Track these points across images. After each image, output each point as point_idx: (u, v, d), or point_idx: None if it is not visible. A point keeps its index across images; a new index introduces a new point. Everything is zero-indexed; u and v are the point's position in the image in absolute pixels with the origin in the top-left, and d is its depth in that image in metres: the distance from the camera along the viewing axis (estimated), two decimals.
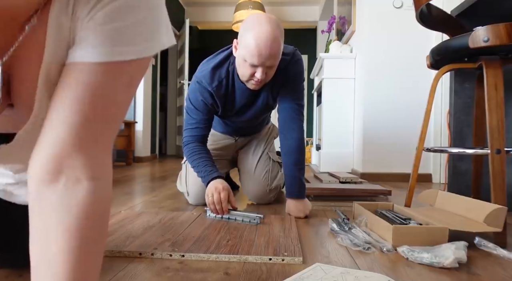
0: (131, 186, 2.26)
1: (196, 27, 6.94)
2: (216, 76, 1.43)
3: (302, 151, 1.47)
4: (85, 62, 0.43)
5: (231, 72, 1.44)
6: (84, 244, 0.44)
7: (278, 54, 1.27)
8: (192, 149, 1.49)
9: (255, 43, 1.22)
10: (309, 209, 1.39)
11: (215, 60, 1.44)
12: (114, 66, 0.44)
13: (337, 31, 4.00)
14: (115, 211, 1.42)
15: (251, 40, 1.22)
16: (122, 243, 0.97)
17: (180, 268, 0.83)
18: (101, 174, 0.47)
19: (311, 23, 6.35)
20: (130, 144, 3.97)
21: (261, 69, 1.28)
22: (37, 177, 0.44)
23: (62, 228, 0.43)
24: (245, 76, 1.34)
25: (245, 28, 1.27)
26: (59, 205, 0.44)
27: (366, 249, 0.97)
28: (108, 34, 0.42)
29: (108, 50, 0.42)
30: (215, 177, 1.40)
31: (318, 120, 4.13)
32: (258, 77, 1.29)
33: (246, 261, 0.88)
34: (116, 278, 0.76)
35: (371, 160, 2.85)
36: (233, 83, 1.46)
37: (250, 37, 1.23)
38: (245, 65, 1.30)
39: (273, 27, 1.23)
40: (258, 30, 1.22)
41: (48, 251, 0.43)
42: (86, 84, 0.43)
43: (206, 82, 1.42)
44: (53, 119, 0.43)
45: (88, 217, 0.45)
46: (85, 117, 0.43)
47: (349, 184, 2.02)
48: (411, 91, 2.80)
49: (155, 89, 4.91)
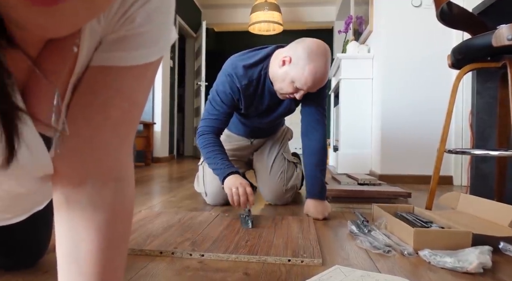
0: (150, 186, 2.29)
1: (213, 29, 6.99)
2: (248, 75, 1.43)
3: (325, 152, 1.47)
4: (114, 66, 0.42)
5: (263, 75, 1.45)
6: (111, 243, 0.45)
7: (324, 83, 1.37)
8: (208, 140, 1.47)
9: (313, 76, 1.29)
10: (328, 211, 1.38)
11: (249, 60, 1.44)
12: (140, 68, 0.44)
13: (354, 31, 3.96)
14: (135, 211, 1.44)
15: (309, 72, 1.29)
16: (143, 242, 0.99)
17: (200, 267, 0.84)
18: (125, 175, 0.48)
19: (327, 24, 6.31)
20: (149, 145, 4.02)
21: (303, 92, 1.35)
22: (64, 179, 0.45)
23: (91, 227, 0.44)
24: (283, 91, 1.39)
25: (306, 56, 1.29)
26: (88, 206, 0.44)
27: (387, 252, 0.95)
28: (138, 37, 0.42)
29: (137, 54, 0.42)
30: (233, 172, 1.40)
31: (336, 121, 4.10)
32: (297, 97, 1.37)
33: (265, 262, 0.88)
34: (138, 276, 0.77)
35: (389, 162, 2.81)
36: (263, 87, 1.47)
37: (308, 68, 1.29)
38: (290, 85, 1.35)
39: (328, 60, 1.32)
40: (317, 64, 1.29)
41: (76, 251, 0.43)
42: (115, 88, 0.43)
43: (236, 78, 1.43)
44: (79, 123, 0.43)
45: (115, 217, 0.46)
46: (111, 120, 0.43)
47: (368, 186, 2.00)
48: (431, 91, 2.75)
49: (173, 91, 4.97)
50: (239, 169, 1.74)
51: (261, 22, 5.28)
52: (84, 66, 0.43)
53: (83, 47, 0.40)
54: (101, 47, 0.42)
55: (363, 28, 3.49)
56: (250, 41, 6.94)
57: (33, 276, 0.77)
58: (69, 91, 0.43)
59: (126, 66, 0.42)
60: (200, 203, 1.70)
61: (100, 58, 0.42)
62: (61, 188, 0.45)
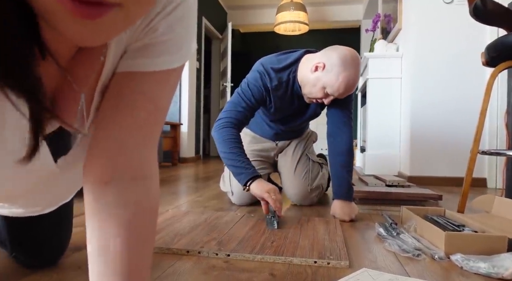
0: (177, 186, 2.33)
1: (238, 30, 7.03)
2: (277, 77, 1.44)
3: (351, 153, 1.45)
4: (138, 71, 0.45)
5: (292, 79, 1.45)
6: (139, 238, 0.46)
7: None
8: (229, 135, 1.39)
9: (345, 84, 1.31)
10: (355, 213, 1.36)
11: (279, 63, 1.45)
12: (163, 74, 0.46)
13: (382, 29, 3.88)
14: (163, 210, 1.47)
15: (342, 80, 1.31)
16: (171, 240, 1.01)
17: (226, 267, 0.85)
18: (151, 173, 0.50)
19: (354, 23, 6.22)
20: (176, 145, 4.10)
21: (332, 98, 1.37)
22: (94, 178, 0.47)
23: (120, 224, 0.45)
24: (312, 95, 1.40)
25: (340, 63, 1.31)
26: (117, 203, 0.46)
27: (416, 255, 0.93)
28: (160, 45, 0.44)
29: (160, 60, 0.45)
30: (258, 175, 1.36)
31: (363, 121, 4.03)
32: (325, 102, 1.40)
33: (291, 263, 0.88)
34: (165, 274, 0.79)
35: (419, 163, 2.73)
36: (292, 90, 1.48)
37: (342, 76, 1.31)
38: (321, 90, 1.37)
39: (359, 70, 1.35)
40: (351, 72, 1.31)
41: (105, 247, 0.45)
42: (139, 92, 0.45)
43: (267, 79, 1.43)
44: (108, 125, 0.46)
45: (142, 213, 0.47)
46: (137, 122, 0.46)
47: (396, 187, 1.95)
48: (463, 90, 2.65)
49: (199, 92, 5.04)
50: (265, 170, 1.75)
51: (287, 22, 5.26)
52: (110, 73, 0.45)
53: (109, 56, 0.43)
54: (126, 55, 0.45)
55: (392, 26, 3.41)
56: (275, 41, 6.94)
57: (66, 272, 0.80)
58: (97, 96, 0.46)
59: (150, 71, 0.45)
60: (226, 203, 1.71)
61: (125, 64, 0.45)
62: (92, 187, 0.47)
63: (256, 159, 1.72)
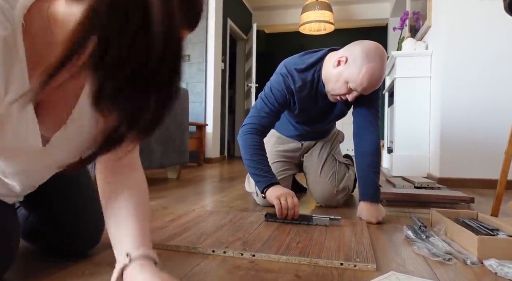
0: (202, 186, 2.36)
1: (263, 30, 7.05)
2: (301, 78, 1.43)
3: (378, 154, 1.42)
4: None
5: (316, 78, 1.44)
6: (140, 207, 0.66)
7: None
8: (254, 142, 1.43)
9: (369, 77, 1.27)
10: (382, 215, 1.33)
11: (302, 64, 1.45)
12: None
13: (411, 27, 3.79)
14: (189, 209, 1.49)
15: (365, 73, 1.27)
16: (197, 240, 1.02)
17: (251, 267, 0.85)
18: (139, 166, 0.73)
19: (381, 21, 6.10)
20: (201, 146, 4.15)
21: (356, 94, 1.33)
22: (105, 168, 0.68)
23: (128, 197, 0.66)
24: (336, 91, 1.37)
25: (363, 57, 1.27)
26: (125, 185, 0.67)
27: (447, 260, 0.90)
28: None
29: None
30: (276, 182, 1.39)
31: (390, 121, 3.95)
32: (349, 99, 1.35)
33: (316, 265, 0.87)
34: (192, 273, 0.80)
35: (449, 164, 2.64)
36: (316, 90, 1.46)
37: (365, 68, 1.27)
38: (344, 86, 1.33)
39: (385, 63, 1.29)
40: (374, 66, 1.26)
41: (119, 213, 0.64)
42: None
43: (291, 80, 1.43)
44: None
45: (144, 192, 0.70)
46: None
47: (425, 189, 1.90)
48: (496, 89, 2.55)
49: (224, 93, 5.08)
50: (289, 171, 1.74)
51: (312, 22, 5.22)
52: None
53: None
54: None
55: (420, 24, 3.32)
56: (300, 41, 6.91)
57: (98, 268, 0.82)
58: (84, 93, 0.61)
59: None
60: (251, 204, 1.72)
61: None
62: (106, 176, 0.68)
63: (280, 160, 1.72)
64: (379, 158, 1.42)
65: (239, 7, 5.65)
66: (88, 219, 0.89)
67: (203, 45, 4.35)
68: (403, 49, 3.20)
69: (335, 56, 1.36)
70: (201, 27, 4.34)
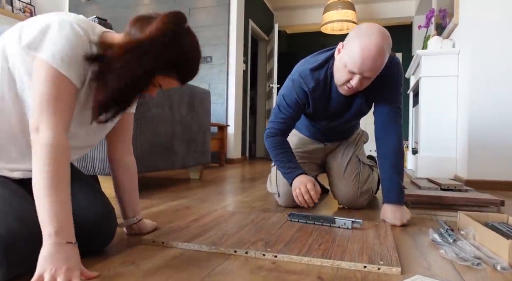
0: (224, 187, 2.37)
1: (285, 31, 7.03)
2: (314, 78, 1.43)
3: (401, 154, 1.39)
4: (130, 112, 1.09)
5: (330, 75, 1.43)
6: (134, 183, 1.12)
7: (380, 68, 1.25)
8: (276, 142, 1.53)
9: (360, 52, 1.20)
10: (407, 217, 1.30)
11: (315, 62, 1.44)
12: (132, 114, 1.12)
13: (437, 25, 3.69)
14: (211, 210, 1.50)
15: (357, 48, 1.20)
16: (218, 240, 1.02)
17: (273, 268, 0.85)
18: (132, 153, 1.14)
19: (405, 19, 5.98)
20: (223, 147, 4.17)
21: (358, 78, 1.26)
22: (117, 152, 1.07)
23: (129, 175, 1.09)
24: (340, 80, 1.33)
25: (355, 35, 1.24)
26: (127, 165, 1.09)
27: (476, 264, 0.87)
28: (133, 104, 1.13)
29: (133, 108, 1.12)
30: (300, 173, 1.46)
31: (415, 122, 3.86)
32: (353, 84, 1.29)
33: (339, 267, 0.86)
34: (214, 273, 0.81)
35: (478, 166, 2.55)
36: (330, 87, 1.45)
37: (356, 45, 1.21)
38: (344, 70, 1.28)
39: (382, 40, 1.20)
40: (366, 41, 1.20)
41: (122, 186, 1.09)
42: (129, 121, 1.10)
43: (303, 82, 1.43)
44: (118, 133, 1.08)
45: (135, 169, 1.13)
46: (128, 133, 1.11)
47: (452, 191, 1.84)
48: None
49: (246, 93, 5.09)
50: (312, 172, 1.72)
51: (334, 21, 5.17)
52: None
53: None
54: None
55: (447, 22, 3.23)
56: (322, 41, 6.85)
57: (123, 266, 0.84)
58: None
59: (131, 112, 1.08)
60: (273, 204, 1.71)
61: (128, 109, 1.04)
62: (116, 157, 1.06)
63: (302, 161, 1.70)
64: (402, 159, 1.39)
65: (260, 8, 5.66)
66: (100, 206, 0.92)
67: (224, 46, 4.38)
68: (429, 48, 3.12)
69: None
70: (222, 29, 4.37)
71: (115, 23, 4.67)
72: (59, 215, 0.69)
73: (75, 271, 0.68)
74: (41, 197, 0.70)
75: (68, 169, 0.75)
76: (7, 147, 0.84)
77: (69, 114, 0.78)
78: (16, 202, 0.75)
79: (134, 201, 1.10)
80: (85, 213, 0.87)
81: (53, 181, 0.71)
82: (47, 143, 0.72)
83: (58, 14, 0.79)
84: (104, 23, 1.58)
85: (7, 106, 0.80)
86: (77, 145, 0.92)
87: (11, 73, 0.78)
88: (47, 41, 0.74)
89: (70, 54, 0.75)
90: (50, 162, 0.71)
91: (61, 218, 0.69)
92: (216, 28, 4.40)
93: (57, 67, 0.74)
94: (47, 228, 0.68)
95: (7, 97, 0.79)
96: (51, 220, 0.68)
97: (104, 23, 1.58)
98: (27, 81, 0.78)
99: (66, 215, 0.71)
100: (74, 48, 0.76)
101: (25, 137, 0.82)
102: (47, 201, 0.69)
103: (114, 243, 1.01)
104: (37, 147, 0.72)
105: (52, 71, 0.74)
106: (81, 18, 0.82)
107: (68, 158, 0.76)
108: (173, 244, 1.00)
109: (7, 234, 0.68)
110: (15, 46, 0.77)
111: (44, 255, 0.67)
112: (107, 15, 4.78)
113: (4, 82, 0.79)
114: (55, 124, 0.74)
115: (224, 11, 4.38)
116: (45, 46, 0.74)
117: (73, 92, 0.78)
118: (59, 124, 0.75)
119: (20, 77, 0.78)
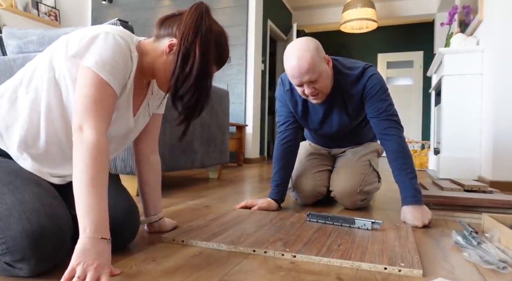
0: (242, 186, 2.38)
1: (303, 30, 6.99)
2: (288, 81, 1.52)
3: (405, 154, 1.36)
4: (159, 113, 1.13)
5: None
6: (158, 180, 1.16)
7: (311, 69, 1.30)
8: (277, 155, 1.61)
9: (288, 64, 1.33)
10: (428, 218, 1.28)
11: None
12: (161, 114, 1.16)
13: (460, 22, 3.59)
14: (229, 209, 1.51)
15: (285, 64, 1.34)
16: (237, 239, 1.03)
17: (292, 268, 0.84)
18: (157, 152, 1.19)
19: (427, 17, 5.86)
20: (241, 146, 4.19)
21: (305, 86, 1.35)
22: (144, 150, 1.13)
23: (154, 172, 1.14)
24: (300, 93, 1.42)
25: (284, 56, 1.37)
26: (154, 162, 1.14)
27: (501, 268, 0.85)
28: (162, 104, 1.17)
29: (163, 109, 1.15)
30: (270, 196, 1.56)
31: (437, 121, 3.77)
32: (307, 93, 1.38)
33: (359, 268, 0.85)
34: (233, 272, 0.81)
35: (504, 167, 2.48)
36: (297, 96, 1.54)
37: (285, 62, 1.35)
38: (295, 85, 1.40)
39: (299, 47, 1.31)
40: (288, 53, 1.34)
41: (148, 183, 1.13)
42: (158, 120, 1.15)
43: (282, 83, 1.56)
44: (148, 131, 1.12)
45: (159, 170, 1.16)
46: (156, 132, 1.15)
47: (476, 193, 1.79)
48: None
49: (264, 93, 5.09)
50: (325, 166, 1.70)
51: (353, 20, 5.11)
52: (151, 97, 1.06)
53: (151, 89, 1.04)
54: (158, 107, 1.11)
55: (471, 18, 3.15)
56: (341, 40, 6.79)
57: (145, 263, 0.86)
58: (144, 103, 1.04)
59: (160, 113, 1.13)
60: (291, 204, 1.71)
61: (156, 110, 1.10)
62: (143, 155, 1.11)
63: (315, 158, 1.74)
64: (408, 159, 1.36)
65: (279, 8, 5.65)
66: (126, 204, 0.95)
67: (243, 46, 4.40)
68: (452, 45, 3.05)
69: None
70: (241, 30, 4.39)
71: (136, 25, 4.76)
72: (97, 211, 0.72)
73: (105, 268, 0.70)
74: (81, 193, 0.72)
75: (107, 169, 0.78)
76: (52, 153, 0.89)
77: (109, 118, 0.82)
78: (47, 201, 0.78)
79: (157, 199, 1.13)
80: (112, 210, 0.89)
81: (93, 179, 0.74)
82: (91, 142, 0.76)
83: (102, 26, 0.85)
84: (125, 25, 1.61)
85: (54, 114, 0.86)
86: (112, 148, 0.99)
87: (57, 83, 0.85)
88: (91, 50, 0.80)
89: (112, 63, 0.81)
90: (92, 160, 0.75)
91: (98, 214, 0.72)
92: (234, 28, 4.42)
93: (100, 73, 0.79)
94: (84, 222, 0.71)
95: (54, 106, 0.86)
96: (88, 215, 0.71)
97: (125, 25, 1.61)
98: (72, 89, 0.84)
99: (103, 211, 0.73)
100: (116, 57, 0.82)
101: (68, 143, 0.89)
102: (86, 197, 0.72)
103: (136, 240, 1.03)
104: (80, 145, 0.76)
105: (95, 77, 0.79)
106: (121, 29, 0.87)
107: (107, 158, 0.79)
108: (193, 242, 1.01)
109: (38, 230, 0.71)
110: (62, 57, 0.84)
111: (78, 249, 0.69)
112: (128, 17, 4.87)
113: (51, 91, 0.85)
114: (97, 125, 0.78)
115: (243, 11, 4.39)
116: (90, 55, 0.80)
117: (113, 98, 0.83)
118: (101, 125, 0.79)
119: (66, 85, 0.85)
